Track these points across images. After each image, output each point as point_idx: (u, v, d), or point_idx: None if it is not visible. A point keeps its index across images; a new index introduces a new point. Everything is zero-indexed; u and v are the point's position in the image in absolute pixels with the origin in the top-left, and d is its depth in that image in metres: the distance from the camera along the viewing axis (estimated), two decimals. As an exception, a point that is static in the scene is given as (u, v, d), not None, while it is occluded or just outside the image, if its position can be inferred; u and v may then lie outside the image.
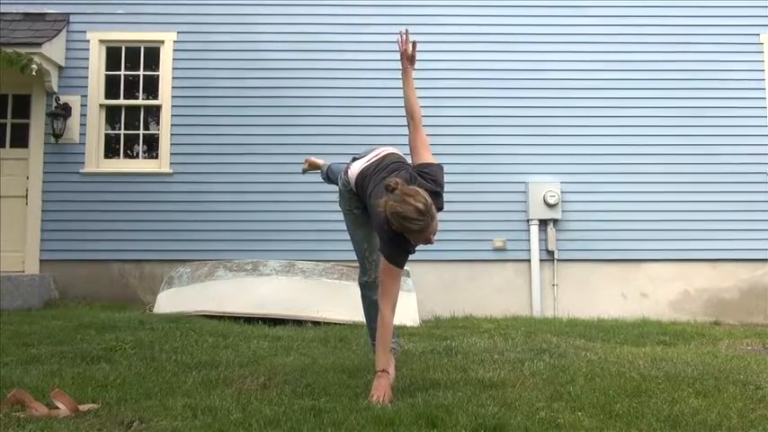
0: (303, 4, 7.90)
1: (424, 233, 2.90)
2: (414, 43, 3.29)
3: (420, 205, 2.83)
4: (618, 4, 7.98)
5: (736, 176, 7.69)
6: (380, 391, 2.93)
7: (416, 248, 3.12)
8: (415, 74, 3.31)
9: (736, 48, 7.91)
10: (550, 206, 7.52)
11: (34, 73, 7.14)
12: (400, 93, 3.28)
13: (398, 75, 3.34)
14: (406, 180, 3.00)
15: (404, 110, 3.25)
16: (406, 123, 3.25)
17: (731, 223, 7.60)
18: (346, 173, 3.44)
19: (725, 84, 7.84)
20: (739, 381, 3.39)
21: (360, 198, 3.39)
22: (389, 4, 7.85)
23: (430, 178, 3.07)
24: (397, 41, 3.31)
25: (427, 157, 3.17)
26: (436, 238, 2.98)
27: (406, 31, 3.32)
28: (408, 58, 3.30)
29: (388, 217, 2.88)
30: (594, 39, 7.89)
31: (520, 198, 7.66)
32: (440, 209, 3.03)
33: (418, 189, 2.91)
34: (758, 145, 7.75)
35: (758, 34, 7.94)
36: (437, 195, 3.04)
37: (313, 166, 4.19)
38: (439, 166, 3.15)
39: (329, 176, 3.98)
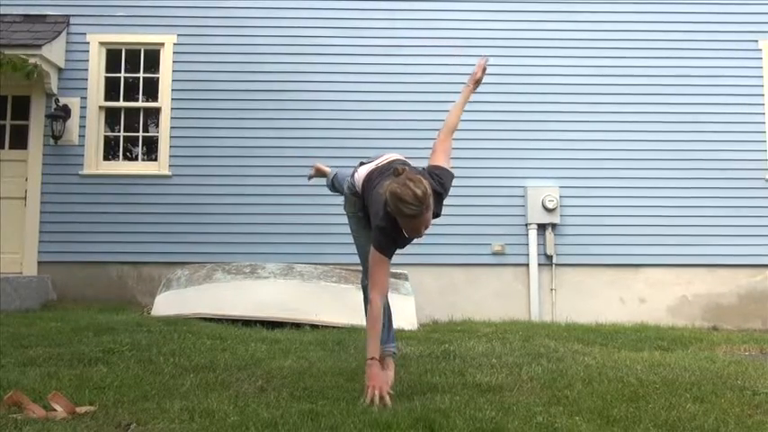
0: (304, 8, 7.90)
1: (415, 220, 2.92)
2: (484, 69, 3.56)
3: (419, 191, 2.86)
4: (617, 10, 8.01)
5: (734, 182, 7.71)
6: (375, 380, 2.92)
7: (410, 242, 3.16)
8: (413, 78, 3.36)
9: (735, 54, 7.93)
10: (549, 211, 7.52)
11: (35, 75, 7.15)
12: (404, 96, 3.35)
13: (402, 78, 3.42)
14: (415, 172, 3.06)
15: (410, 113, 3.32)
16: (409, 127, 3.30)
17: (729, 229, 7.61)
18: (353, 176, 3.49)
19: (724, 90, 7.85)
20: (737, 386, 3.39)
21: (364, 201, 3.41)
22: (391, 8, 7.86)
23: (438, 180, 3.15)
24: (477, 65, 3.54)
25: (443, 161, 3.28)
26: (435, 241, 3.01)
27: (486, 60, 3.58)
28: (475, 82, 3.55)
29: (387, 198, 2.93)
30: (593, 45, 7.89)
31: (519, 202, 7.66)
32: (437, 215, 3.06)
33: (422, 178, 2.97)
34: (757, 151, 7.77)
35: (756, 40, 7.96)
36: (439, 198, 3.10)
37: (320, 173, 4.24)
38: (449, 173, 3.24)
39: (334, 184, 4.00)
